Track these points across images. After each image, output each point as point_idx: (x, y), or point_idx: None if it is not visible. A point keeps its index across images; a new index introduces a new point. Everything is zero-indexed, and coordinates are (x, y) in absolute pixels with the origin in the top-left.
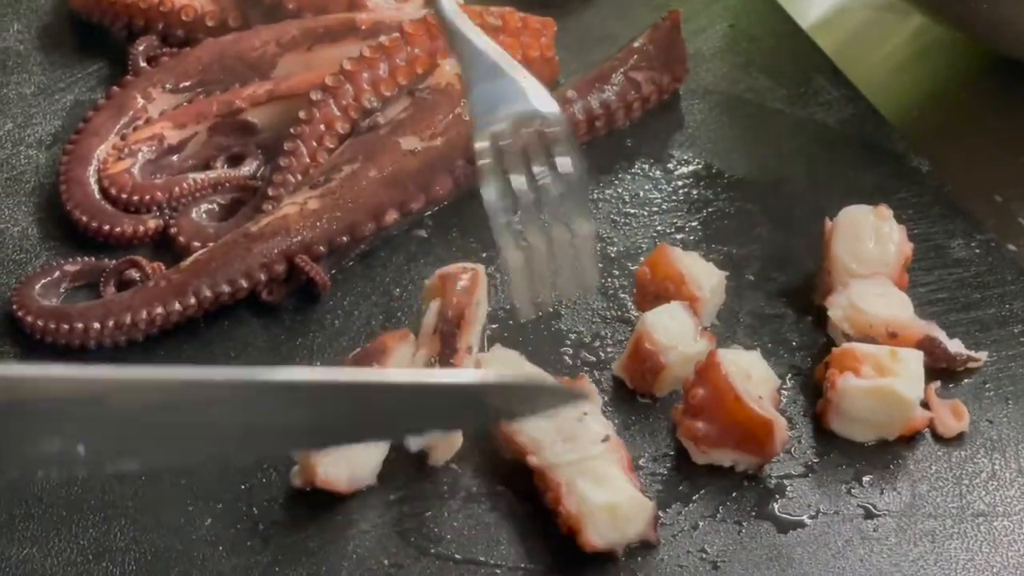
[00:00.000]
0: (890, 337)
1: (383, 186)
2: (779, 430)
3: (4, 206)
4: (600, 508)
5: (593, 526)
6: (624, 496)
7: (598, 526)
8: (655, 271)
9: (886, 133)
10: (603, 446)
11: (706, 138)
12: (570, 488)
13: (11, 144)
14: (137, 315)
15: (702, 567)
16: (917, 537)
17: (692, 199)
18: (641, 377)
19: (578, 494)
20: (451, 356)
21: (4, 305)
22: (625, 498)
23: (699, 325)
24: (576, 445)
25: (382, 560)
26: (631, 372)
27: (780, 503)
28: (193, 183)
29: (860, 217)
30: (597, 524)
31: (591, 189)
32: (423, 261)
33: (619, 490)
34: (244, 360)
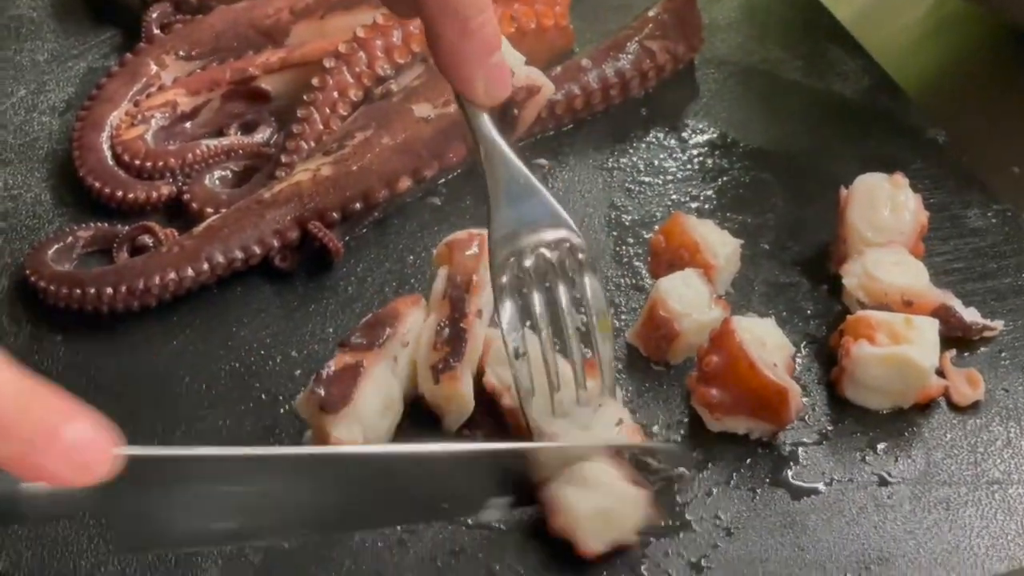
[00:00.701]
0: (905, 305)
1: (396, 153)
2: (793, 397)
3: (17, 172)
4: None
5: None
6: (613, 498)
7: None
8: (670, 239)
9: (903, 104)
10: (617, 430)
11: (721, 108)
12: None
13: (24, 111)
14: (150, 281)
15: (716, 533)
16: (932, 504)
17: (707, 168)
18: (655, 344)
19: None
20: (461, 320)
21: (17, 271)
22: (614, 500)
23: (713, 293)
24: (591, 433)
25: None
26: (645, 339)
27: (794, 470)
28: (206, 150)
29: (876, 185)
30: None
31: (605, 158)
32: (436, 228)
33: (608, 492)
34: (257, 326)
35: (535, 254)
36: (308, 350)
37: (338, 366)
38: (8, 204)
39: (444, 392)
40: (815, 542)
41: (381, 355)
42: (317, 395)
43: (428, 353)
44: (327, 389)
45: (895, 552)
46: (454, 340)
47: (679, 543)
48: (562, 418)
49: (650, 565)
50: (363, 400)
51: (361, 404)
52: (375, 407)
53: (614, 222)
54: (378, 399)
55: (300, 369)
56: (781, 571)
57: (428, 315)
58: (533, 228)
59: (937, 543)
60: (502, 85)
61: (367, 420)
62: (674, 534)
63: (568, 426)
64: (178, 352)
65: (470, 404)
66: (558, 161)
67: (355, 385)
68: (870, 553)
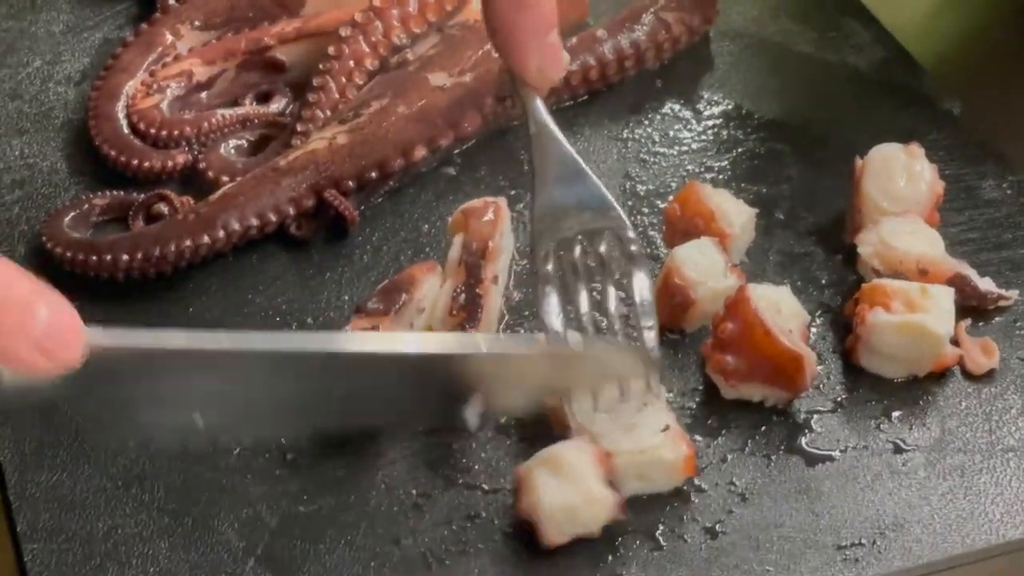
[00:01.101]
0: (920, 274)
1: (412, 122)
2: (809, 364)
3: (34, 141)
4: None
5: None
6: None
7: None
8: (685, 208)
9: (917, 76)
10: (662, 436)
11: (736, 80)
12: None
13: (40, 81)
14: (166, 248)
15: (731, 499)
16: (946, 471)
17: (722, 139)
18: (671, 312)
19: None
20: (476, 286)
21: (34, 238)
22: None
23: (728, 261)
24: (635, 434)
25: (410, 490)
26: (660, 307)
27: (809, 437)
28: (222, 119)
29: (891, 155)
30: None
31: (620, 129)
32: (452, 198)
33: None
34: (272, 294)
35: (581, 243)
36: (324, 317)
37: (355, 331)
38: (24, 173)
39: None
40: (830, 508)
41: (397, 321)
42: None
43: (444, 319)
44: None
45: (910, 518)
46: (470, 306)
47: (694, 508)
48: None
49: (665, 530)
50: None
51: None
52: None
53: (629, 192)
54: None
55: None
56: (796, 536)
57: (444, 282)
58: (579, 212)
59: (952, 509)
60: (556, 65)
61: None
62: (688, 500)
63: (611, 425)
64: (194, 319)
65: None
66: (573, 132)
67: None
68: (885, 519)
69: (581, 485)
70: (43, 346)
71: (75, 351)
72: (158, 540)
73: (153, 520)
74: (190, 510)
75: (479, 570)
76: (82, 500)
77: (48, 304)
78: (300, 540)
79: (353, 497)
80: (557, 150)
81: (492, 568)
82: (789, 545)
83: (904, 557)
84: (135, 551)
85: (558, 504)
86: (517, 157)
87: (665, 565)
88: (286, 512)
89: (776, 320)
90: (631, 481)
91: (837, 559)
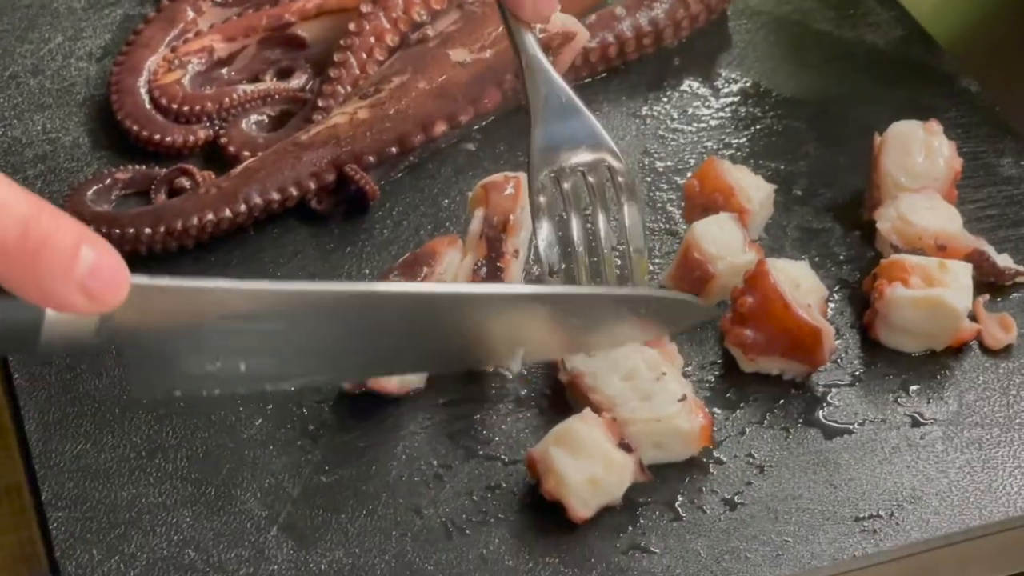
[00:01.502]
0: (939, 250)
1: (432, 98)
2: (827, 338)
3: (56, 116)
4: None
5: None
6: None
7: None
8: (704, 183)
9: (935, 54)
10: (679, 406)
11: (754, 58)
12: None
13: (62, 56)
14: (188, 221)
15: (749, 471)
16: (964, 445)
17: (740, 116)
18: (690, 287)
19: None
20: (498, 259)
21: None
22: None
23: (747, 237)
24: (653, 403)
25: (431, 460)
26: (679, 282)
27: (827, 411)
28: (243, 94)
29: (909, 132)
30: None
31: (639, 106)
32: (471, 173)
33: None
34: (293, 267)
35: (574, 175)
36: None
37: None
38: (46, 147)
39: None
40: (848, 480)
41: None
42: None
43: None
44: None
45: (927, 491)
46: (491, 279)
47: (713, 480)
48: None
49: (684, 501)
50: None
51: None
52: None
53: (648, 168)
54: None
55: None
56: (814, 508)
57: (464, 255)
58: (573, 146)
59: (969, 482)
60: (550, 2)
61: None
62: (707, 471)
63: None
64: None
65: None
66: (592, 108)
67: None
68: (903, 491)
69: (598, 455)
70: (88, 287)
71: (120, 292)
72: (181, 509)
73: (176, 489)
74: (213, 479)
75: (499, 540)
76: (106, 469)
77: (94, 246)
78: (322, 509)
79: (374, 468)
80: (549, 86)
81: (512, 538)
82: (807, 516)
83: (922, 529)
84: (159, 519)
85: (581, 479)
86: None
87: (684, 535)
88: (308, 482)
89: (795, 294)
90: (648, 449)
91: (855, 530)
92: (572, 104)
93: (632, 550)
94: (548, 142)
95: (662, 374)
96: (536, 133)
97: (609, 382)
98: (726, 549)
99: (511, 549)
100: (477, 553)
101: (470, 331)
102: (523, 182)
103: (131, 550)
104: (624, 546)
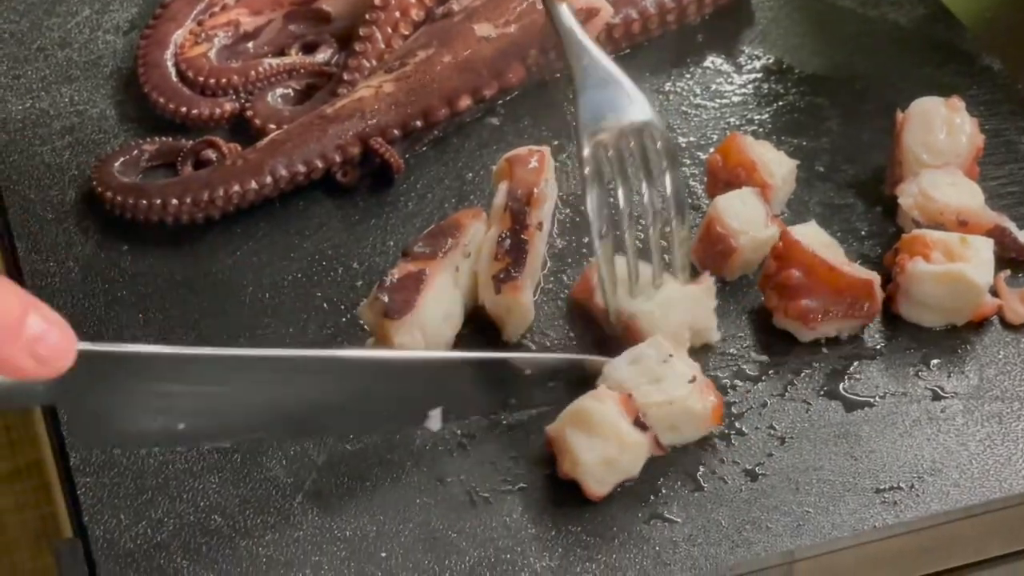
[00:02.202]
0: (960, 225)
1: (457, 72)
2: (878, 286)
3: (83, 88)
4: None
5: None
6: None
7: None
8: (727, 159)
9: (957, 32)
10: (690, 388)
11: (776, 35)
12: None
13: (89, 30)
14: (214, 192)
15: (770, 442)
16: (984, 418)
17: (762, 93)
18: (712, 260)
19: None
20: (522, 231)
21: (84, 182)
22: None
23: (769, 212)
24: (663, 386)
25: (455, 430)
26: (702, 255)
27: (847, 384)
28: (269, 67)
29: (932, 108)
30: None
31: (662, 82)
32: (495, 148)
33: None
34: (318, 239)
35: (619, 144)
36: (369, 262)
37: (401, 274)
38: (74, 119)
39: (505, 302)
40: (868, 452)
41: (444, 264)
42: (381, 302)
43: (489, 264)
44: (391, 296)
45: (948, 463)
46: (515, 251)
47: (734, 451)
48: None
49: (705, 472)
50: (426, 307)
51: (423, 311)
52: (437, 314)
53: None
54: (440, 307)
55: (361, 280)
56: (835, 479)
57: (489, 228)
58: (617, 113)
59: (989, 455)
60: None
61: (430, 327)
62: (728, 442)
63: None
64: (241, 262)
65: (530, 314)
66: None
67: (418, 292)
68: (923, 463)
69: (612, 435)
70: (36, 352)
71: (68, 356)
72: (208, 475)
73: (203, 456)
74: (239, 447)
75: (523, 508)
76: None
77: (40, 315)
78: (347, 477)
79: (398, 437)
80: (589, 56)
81: (535, 507)
82: (828, 488)
83: (942, 501)
84: (185, 486)
85: (596, 460)
86: (560, 108)
87: (706, 505)
88: (333, 450)
89: (829, 254)
90: (664, 432)
91: (876, 502)
92: (612, 72)
93: (654, 519)
94: (593, 111)
95: (669, 356)
96: (581, 102)
97: (618, 366)
98: (747, 519)
99: (534, 518)
100: (500, 521)
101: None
102: (547, 156)
103: (158, 515)
104: (646, 516)
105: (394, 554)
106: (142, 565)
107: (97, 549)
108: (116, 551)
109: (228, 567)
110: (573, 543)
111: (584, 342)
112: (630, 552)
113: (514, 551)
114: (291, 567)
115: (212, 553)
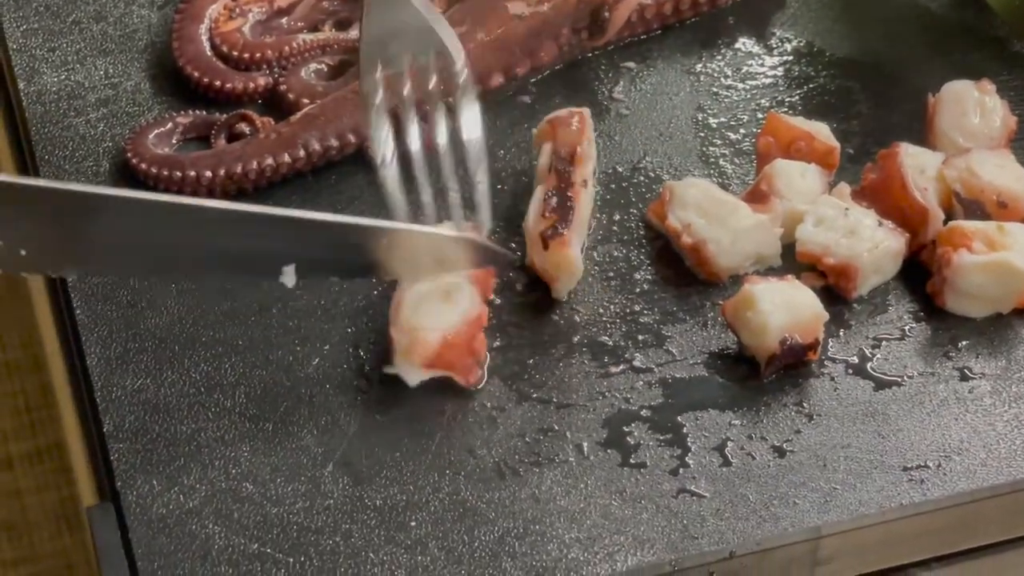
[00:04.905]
0: (999, 207)
1: (490, 50)
2: (934, 220)
3: (117, 62)
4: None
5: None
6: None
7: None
8: (778, 136)
9: (988, 18)
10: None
11: (808, 18)
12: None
13: (124, 3)
14: (248, 165)
15: (798, 419)
16: (1012, 399)
17: (793, 75)
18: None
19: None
20: (567, 189)
21: (118, 154)
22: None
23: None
24: (860, 236)
25: (485, 403)
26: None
27: (876, 363)
28: (303, 43)
29: (964, 91)
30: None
31: (693, 63)
32: (526, 126)
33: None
34: (351, 213)
35: (410, 75)
36: None
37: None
38: (109, 92)
39: (553, 258)
40: (896, 431)
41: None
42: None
43: (536, 222)
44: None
45: (975, 443)
46: (561, 208)
47: (762, 427)
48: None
49: (734, 447)
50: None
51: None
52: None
53: (701, 124)
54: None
55: None
56: (862, 456)
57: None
58: (404, 37)
59: (1017, 435)
60: None
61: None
62: (756, 419)
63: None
64: None
65: (579, 269)
66: (646, 64)
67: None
68: (950, 443)
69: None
70: None
71: None
72: (239, 444)
73: (235, 425)
74: (270, 416)
75: (552, 481)
76: (166, 404)
77: None
78: (377, 447)
79: (429, 408)
80: None
81: (564, 479)
82: (855, 465)
83: (969, 479)
84: (217, 453)
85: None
86: (591, 87)
87: (734, 480)
88: (363, 421)
89: (917, 179)
90: (871, 277)
91: (903, 480)
92: None
93: (682, 493)
94: (381, 33)
95: (845, 209)
96: (366, 22)
97: (808, 230)
98: (775, 495)
99: (563, 490)
100: (529, 493)
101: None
102: (587, 117)
103: (190, 482)
104: (674, 489)
105: (423, 523)
106: (174, 530)
107: (130, 514)
108: (148, 516)
109: (259, 533)
110: (601, 516)
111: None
112: (658, 525)
113: (543, 522)
114: (321, 534)
115: (243, 519)
